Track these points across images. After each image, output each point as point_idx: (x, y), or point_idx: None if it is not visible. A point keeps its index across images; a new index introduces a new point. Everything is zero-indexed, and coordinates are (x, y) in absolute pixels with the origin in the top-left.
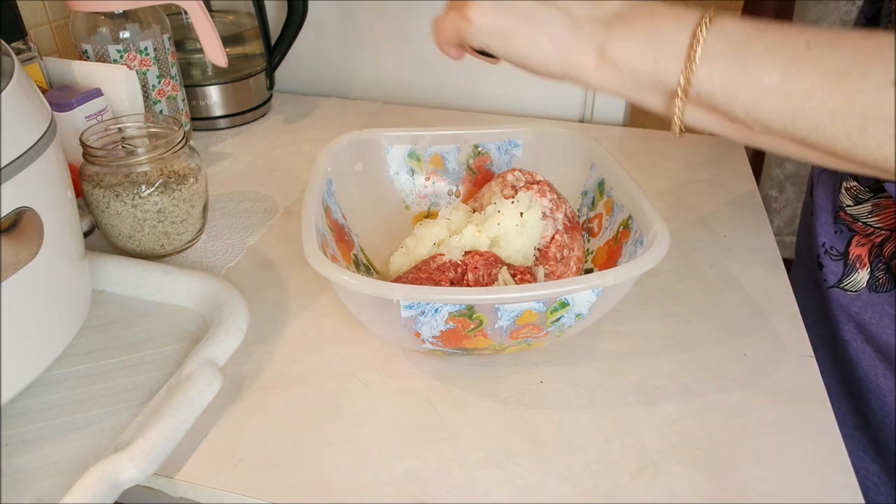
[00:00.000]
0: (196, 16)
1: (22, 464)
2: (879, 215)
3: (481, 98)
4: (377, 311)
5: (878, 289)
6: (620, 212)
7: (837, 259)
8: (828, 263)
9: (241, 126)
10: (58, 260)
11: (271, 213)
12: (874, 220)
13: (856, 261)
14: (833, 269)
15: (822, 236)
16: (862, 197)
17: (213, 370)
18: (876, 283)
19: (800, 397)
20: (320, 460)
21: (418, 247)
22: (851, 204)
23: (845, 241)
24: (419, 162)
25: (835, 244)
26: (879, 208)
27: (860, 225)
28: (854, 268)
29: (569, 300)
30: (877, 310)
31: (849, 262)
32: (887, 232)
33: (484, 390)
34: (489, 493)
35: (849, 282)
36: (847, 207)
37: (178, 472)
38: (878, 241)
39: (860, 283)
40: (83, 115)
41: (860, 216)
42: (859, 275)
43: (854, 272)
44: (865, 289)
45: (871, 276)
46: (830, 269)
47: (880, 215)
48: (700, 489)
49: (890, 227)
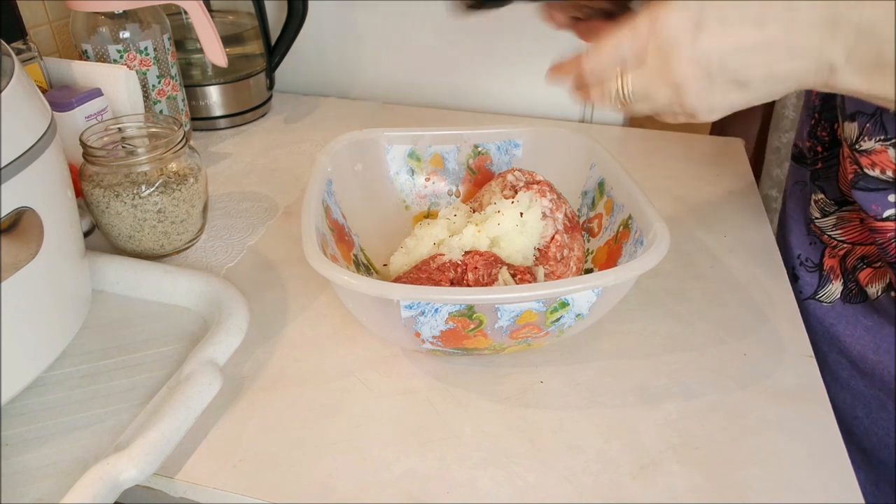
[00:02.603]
0: (196, 16)
1: (22, 464)
2: (842, 228)
3: (481, 98)
4: (377, 311)
5: (851, 300)
6: (620, 212)
7: (813, 270)
8: (803, 275)
9: (241, 126)
10: (58, 260)
11: (271, 213)
12: (838, 233)
13: (829, 272)
14: (808, 280)
15: (796, 248)
16: (827, 210)
17: (213, 370)
18: (849, 295)
19: (800, 397)
20: (320, 460)
21: (418, 247)
22: (819, 217)
23: (819, 252)
24: (419, 162)
25: (810, 255)
26: (843, 221)
27: (826, 237)
28: (828, 279)
29: (569, 300)
30: (850, 321)
31: (823, 273)
32: (849, 245)
33: (484, 390)
34: (489, 493)
35: (823, 293)
36: (815, 220)
37: (178, 472)
38: (841, 255)
39: (834, 295)
40: (83, 115)
41: (826, 229)
42: (833, 286)
43: (828, 283)
44: (839, 300)
45: (844, 287)
46: (806, 281)
47: (843, 228)
48: (700, 489)
49: (852, 241)
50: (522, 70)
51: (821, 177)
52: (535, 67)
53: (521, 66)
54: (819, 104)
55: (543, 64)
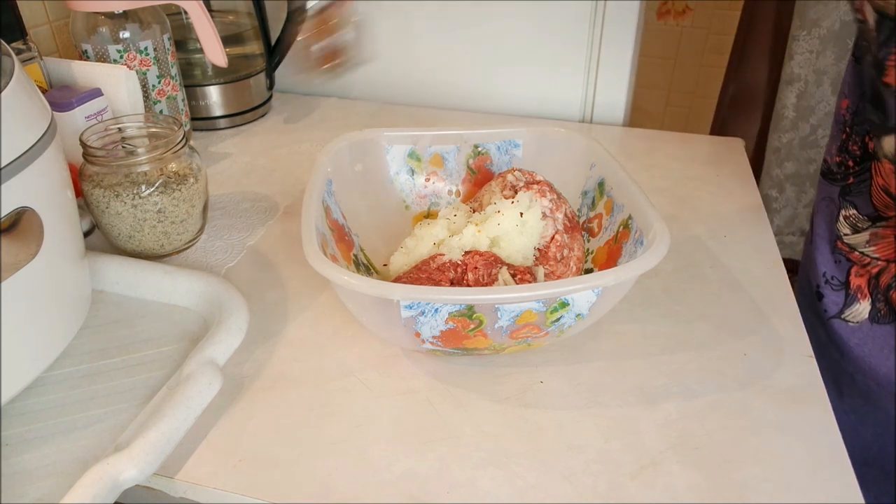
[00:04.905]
0: (196, 16)
1: (22, 464)
2: (877, 245)
3: (481, 98)
4: (377, 311)
5: (879, 320)
6: (620, 212)
7: (838, 289)
8: (828, 293)
9: (241, 126)
10: (58, 260)
11: (271, 213)
12: (871, 249)
13: (857, 291)
14: (834, 299)
15: (821, 266)
16: (860, 226)
17: (213, 370)
18: (877, 315)
19: (800, 397)
20: (320, 460)
21: (418, 247)
22: (849, 233)
23: (845, 270)
24: (419, 162)
25: (835, 274)
26: (877, 238)
27: (857, 255)
28: (855, 298)
29: (569, 300)
30: (878, 342)
31: (850, 293)
32: (884, 263)
33: (484, 390)
34: (489, 493)
35: (850, 312)
36: (845, 236)
37: (178, 472)
38: (874, 272)
39: (861, 315)
40: (83, 115)
41: (857, 246)
42: (860, 305)
43: (855, 303)
44: (867, 320)
45: (872, 307)
46: (831, 300)
47: (878, 245)
48: (700, 489)
49: (887, 258)
50: (522, 70)
51: (852, 192)
52: (535, 67)
53: (521, 66)
54: (850, 118)
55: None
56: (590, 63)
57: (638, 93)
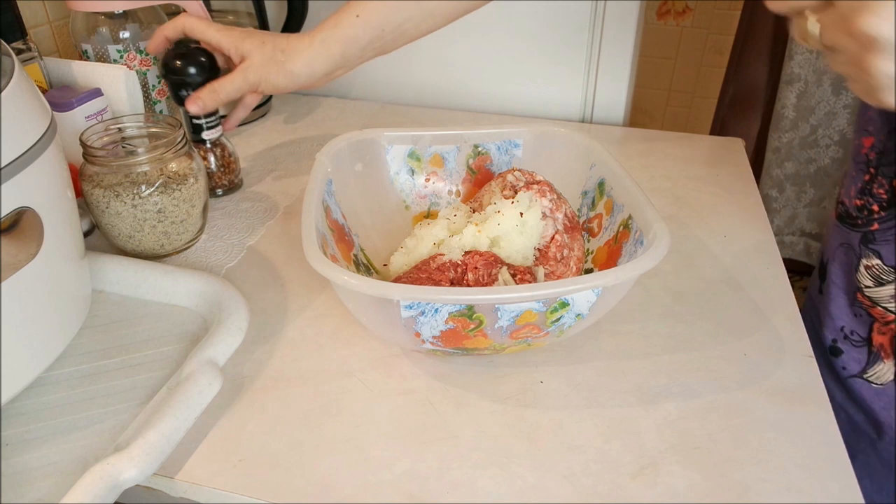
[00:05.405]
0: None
1: (22, 464)
2: None
3: (481, 98)
4: (377, 311)
5: None
6: (620, 212)
7: (860, 345)
8: (848, 350)
9: (241, 126)
10: (58, 260)
11: (271, 213)
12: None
13: (879, 349)
14: (855, 356)
15: (839, 319)
16: (885, 278)
17: (213, 370)
18: None
19: (800, 397)
20: (320, 460)
21: (418, 247)
22: (871, 285)
23: (867, 325)
24: (419, 162)
25: (856, 329)
26: None
27: (880, 310)
28: (878, 357)
29: (569, 300)
30: None
31: (873, 351)
32: None
33: (484, 390)
34: (489, 493)
35: (874, 373)
36: (866, 289)
37: (178, 472)
38: None
39: (887, 376)
40: (83, 115)
41: (880, 300)
42: (884, 366)
43: (879, 362)
44: (893, 382)
45: None
46: (851, 357)
47: None
48: (700, 489)
49: None
50: (522, 70)
51: (876, 240)
52: (534, 67)
53: (521, 66)
54: (875, 158)
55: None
56: (590, 63)
57: (638, 93)
